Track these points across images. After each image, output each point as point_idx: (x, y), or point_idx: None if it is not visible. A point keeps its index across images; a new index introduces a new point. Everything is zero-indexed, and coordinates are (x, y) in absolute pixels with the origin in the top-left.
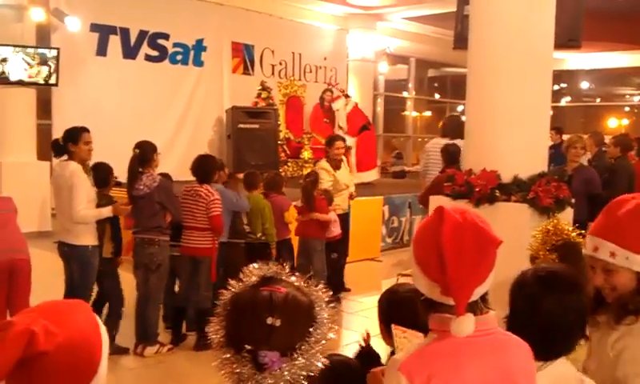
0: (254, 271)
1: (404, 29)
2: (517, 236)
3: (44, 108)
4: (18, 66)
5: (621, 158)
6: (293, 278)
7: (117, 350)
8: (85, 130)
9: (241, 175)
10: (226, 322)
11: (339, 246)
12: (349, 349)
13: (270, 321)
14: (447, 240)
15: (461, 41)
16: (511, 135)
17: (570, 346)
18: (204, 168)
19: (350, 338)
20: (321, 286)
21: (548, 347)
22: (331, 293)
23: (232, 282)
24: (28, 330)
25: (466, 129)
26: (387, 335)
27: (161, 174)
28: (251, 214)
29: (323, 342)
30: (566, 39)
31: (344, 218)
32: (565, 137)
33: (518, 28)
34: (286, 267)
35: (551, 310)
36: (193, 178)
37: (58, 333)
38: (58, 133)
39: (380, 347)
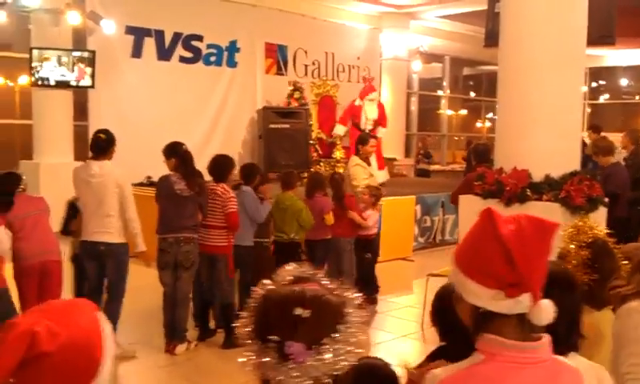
0: (288, 271)
1: (438, 27)
2: None
3: (80, 110)
4: (55, 69)
5: None
6: (326, 281)
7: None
8: None
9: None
10: (255, 316)
11: (372, 244)
12: (379, 348)
13: (298, 311)
14: (510, 236)
15: (492, 38)
16: (543, 133)
17: (570, 346)
18: (220, 167)
19: (381, 338)
20: (353, 289)
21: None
22: (364, 294)
23: (265, 280)
24: (31, 330)
25: (497, 127)
26: (441, 333)
27: None
28: (284, 214)
29: (352, 340)
30: (599, 36)
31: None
32: (603, 135)
33: (549, 25)
34: (321, 271)
35: None
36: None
37: (60, 333)
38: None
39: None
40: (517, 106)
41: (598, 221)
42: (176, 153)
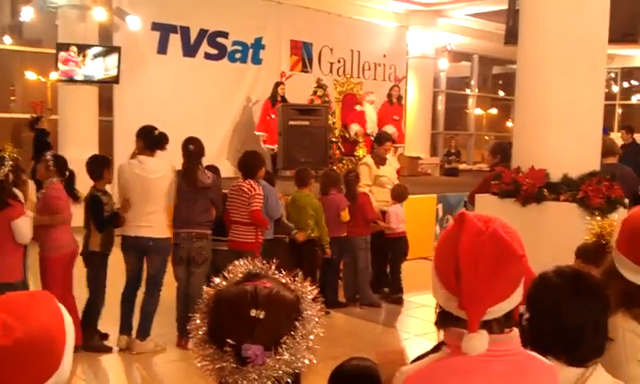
0: (238, 269)
1: (466, 25)
2: (565, 236)
3: (106, 105)
4: (82, 64)
5: None
6: (278, 275)
7: (99, 347)
8: None
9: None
10: (209, 318)
11: (394, 244)
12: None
13: (253, 313)
14: (464, 249)
15: (512, 36)
16: (561, 133)
17: (598, 350)
18: (247, 163)
19: (401, 337)
20: (307, 282)
21: (576, 351)
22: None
23: (216, 279)
24: None
25: (515, 126)
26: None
27: (209, 167)
28: (301, 211)
29: (311, 337)
30: (622, 34)
31: None
32: (636, 136)
33: (569, 23)
34: (273, 265)
35: (578, 312)
36: None
37: (16, 327)
38: (118, 129)
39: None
40: (535, 104)
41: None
42: (184, 149)
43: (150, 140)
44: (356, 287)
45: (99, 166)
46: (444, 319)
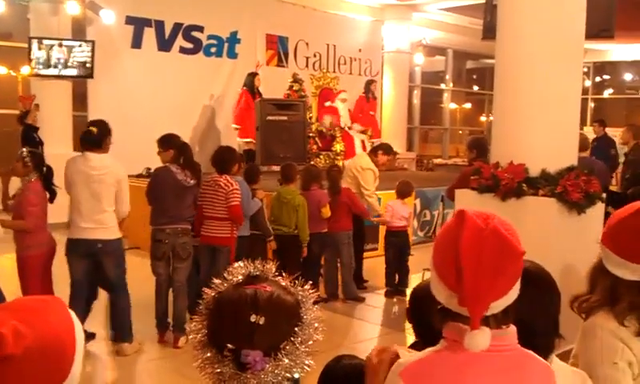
0: (238, 270)
1: (441, 20)
2: (544, 231)
3: (80, 100)
4: (54, 59)
5: None
6: (279, 278)
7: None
8: None
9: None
10: (208, 321)
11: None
12: (370, 343)
13: (253, 318)
14: (465, 246)
15: (490, 31)
16: (539, 128)
17: (547, 348)
18: (223, 159)
19: (373, 333)
20: (308, 286)
21: (528, 346)
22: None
23: (216, 280)
24: None
25: (494, 121)
26: (416, 332)
27: None
28: (285, 207)
29: (310, 342)
30: (598, 30)
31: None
32: (608, 130)
33: (546, 18)
34: (273, 266)
35: (524, 309)
36: None
37: (27, 334)
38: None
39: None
40: (513, 99)
41: (595, 217)
42: (175, 144)
43: (83, 138)
44: (336, 282)
45: None
46: (443, 315)
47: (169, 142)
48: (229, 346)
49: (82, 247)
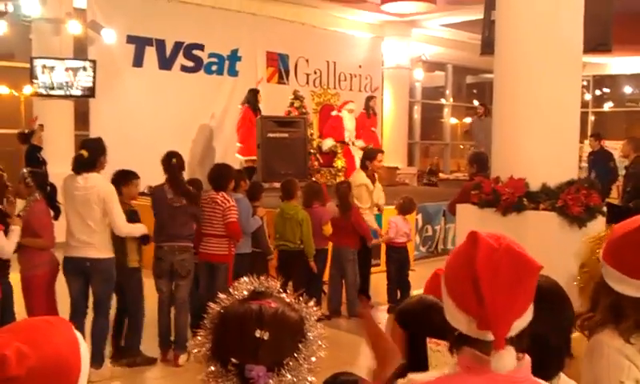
0: (244, 286)
1: (440, 35)
2: (545, 245)
3: (82, 119)
4: (56, 79)
5: None
6: (284, 295)
7: (146, 361)
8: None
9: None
10: (213, 335)
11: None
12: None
13: (258, 333)
14: (482, 266)
15: (488, 46)
16: (539, 142)
17: (558, 366)
18: (219, 176)
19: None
20: (312, 303)
21: (535, 366)
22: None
23: (221, 295)
24: None
25: (494, 135)
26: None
27: (191, 181)
28: (289, 222)
29: (313, 359)
30: (596, 44)
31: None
32: (608, 143)
33: (544, 33)
34: (278, 282)
35: (537, 326)
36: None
37: (31, 355)
38: None
39: None
40: (512, 114)
41: (596, 231)
42: (167, 164)
43: (74, 161)
44: (340, 299)
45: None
46: (460, 342)
47: (164, 162)
48: (233, 360)
49: (73, 265)
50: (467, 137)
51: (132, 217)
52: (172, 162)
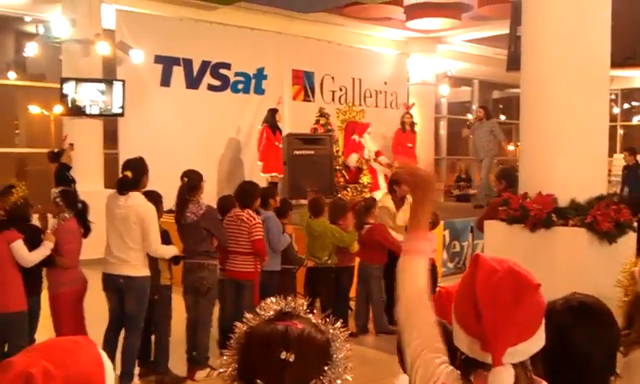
0: (270, 306)
1: (465, 51)
2: (575, 262)
3: (110, 138)
4: (86, 99)
5: None
6: (310, 315)
7: (174, 379)
8: None
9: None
10: (239, 355)
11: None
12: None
13: (283, 355)
14: (480, 286)
15: (514, 62)
16: (567, 157)
17: (601, 383)
18: (245, 193)
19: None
20: (339, 324)
21: (576, 383)
22: None
23: (247, 315)
24: (26, 371)
25: (521, 151)
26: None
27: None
28: (317, 240)
29: (338, 382)
30: (623, 58)
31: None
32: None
33: (571, 48)
34: (304, 303)
35: (581, 343)
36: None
37: (57, 375)
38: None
39: None
40: (540, 129)
41: (627, 247)
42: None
43: (118, 183)
44: (367, 316)
45: (155, 200)
46: (467, 366)
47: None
48: (258, 381)
49: (110, 282)
50: (467, 136)
51: (163, 237)
52: (182, 181)
